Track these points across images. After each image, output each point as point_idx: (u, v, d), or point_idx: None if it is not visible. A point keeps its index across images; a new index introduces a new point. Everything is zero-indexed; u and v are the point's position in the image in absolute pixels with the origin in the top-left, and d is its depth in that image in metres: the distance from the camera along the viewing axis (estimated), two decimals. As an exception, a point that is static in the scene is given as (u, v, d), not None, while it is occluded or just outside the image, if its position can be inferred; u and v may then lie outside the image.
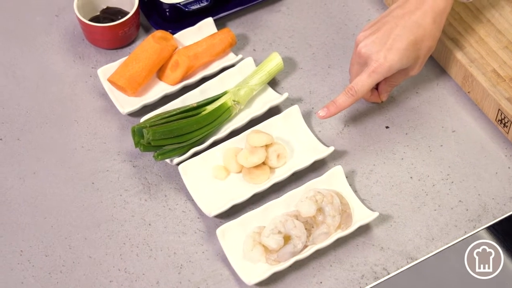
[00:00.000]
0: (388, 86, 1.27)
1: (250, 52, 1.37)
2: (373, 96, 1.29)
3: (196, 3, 1.35)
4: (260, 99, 1.30)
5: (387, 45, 1.19)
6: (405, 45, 1.19)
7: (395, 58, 1.18)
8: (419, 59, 1.22)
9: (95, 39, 1.36)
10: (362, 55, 1.21)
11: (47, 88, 1.33)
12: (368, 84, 1.20)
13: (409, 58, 1.20)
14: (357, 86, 1.20)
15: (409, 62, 1.21)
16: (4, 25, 1.40)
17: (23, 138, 1.27)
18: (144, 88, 1.31)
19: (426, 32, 1.20)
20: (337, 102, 1.21)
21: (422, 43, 1.20)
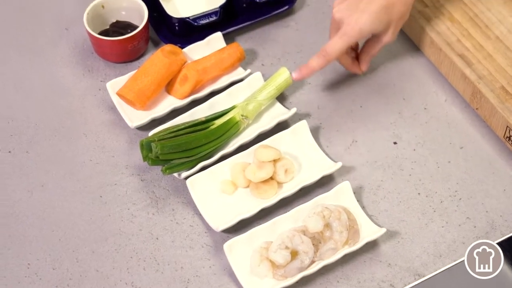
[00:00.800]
0: (366, 55, 1.30)
1: (258, 66, 1.37)
2: (354, 65, 1.31)
3: (205, 17, 1.35)
4: (268, 114, 1.30)
5: (359, 9, 1.22)
6: (376, 8, 1.22)
7: (366, 21, 1.22)
8: (391, 24, 1.25)
9: (105, 52, 1.36)
10: (336, 19, 1.24)
11: (56, 101, 1.33)
12: (339, 46, 1.23)
13: (380, 21, 1.23)
14: (328, 47, 1.23)
15: (380, 26, 1.24)
16: (14, 38, 1.41)
17: (31, 151, 1.27)
18: (152, 102, 1.31)
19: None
20: (309, 64, 1.25)
21: (393, 8, 1.23)
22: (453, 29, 1.32)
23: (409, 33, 1.37)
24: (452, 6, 1.35)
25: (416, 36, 1.36)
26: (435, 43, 1.32)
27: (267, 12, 1.40)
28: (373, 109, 1.31)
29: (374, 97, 1.33)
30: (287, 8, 1.41)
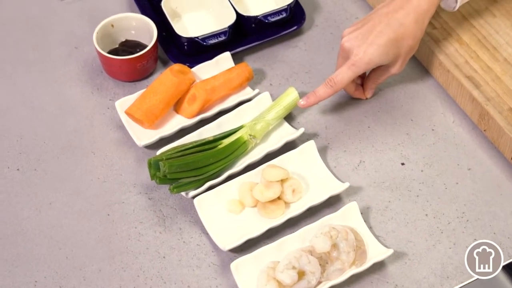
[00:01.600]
0: (372, 83, 1.32)
1: (267, 86, 1.38)
2: (358, 92, 1.33)
3: (214, 37, 1.36)
4: (276, 134, 1.30)
5: (368, 41, 1.24)
6: (385, 41, 1.23)
7: (375, 53, 1.23)
8: (400, 57, 1.26)
9: (114, 71, 1.37)
10: (345, 48, 1.26)
11: (65, 119, 1.34)
12: (347, 76, 1.25)
13: (388, 54, 1.25)
14: (336, 77, 1.25)
15: (388, 59, 1.26)
16: (24, 56, 1.42)
17: (39, 169, 1.28)
18: (161, 121, 1.31)
19: (407, 31, 1.24)
20: (317, 93, 1.27)
21: (402, 41, 1.24)
22: (461, 51, 1.33)
23: (417, 54, 1.38)
24: (461, 28, 1.35)
25: (424, 57, 1.36)
26: (443, 64, 1.32)
27: (276, 32, 1.41)
28: (381, 130, 1.32)
29: (382, 118, 1.33)
30: (295, 29, 1.42)
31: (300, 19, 1.43)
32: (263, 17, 1.38)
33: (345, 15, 1.46)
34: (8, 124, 1.33)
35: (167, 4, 1.40)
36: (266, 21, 1.38)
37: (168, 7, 1.40)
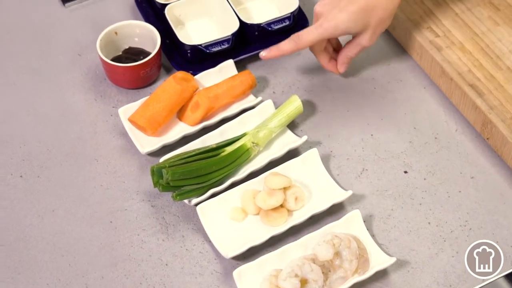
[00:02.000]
0: (344, 56, 1.33)
1: (270, 94, 1.38)
2: (331, 64, 1.35)
3: (217, 45, 1.36)
4: (279, 142, 1.30)
5: (339, 7, 1.25)
6: (355, 8, 1.25)
7: (343, 18, 1.25)
8: (369, 27, 1.27)
9: (117, 78, 1.37)
10: (317, 13, 1.28)
11: (68, 126, 1.34)
12: (312, 35, 1.26)
13: (357, 22, 1.26)
14: (302, 34, 1.27)
15: (357, 27, 1.27)
16: (28, 63, 1.42)
17: (43, 176, 1.28)
18: (164, 128, 1.31)
19: (379, 2, 1.25)
20: (280, 46, 1.29)
21: (373, 11, 1.26)
22: (464, 59, 1.33)
23: (420, 63, 1.38)
24: (464, 37, 1.36)
25: (427, 65, 1.36)
26: (446, 73, 1.32)
27: (279, 40, 1.39)
28: (383, 138, 1.32)
29: (385, 126, 1.33)
30: (298, 37, 1.42)
31: (303, 27, 1.42)
32: (267, 25, 1.38)
33: (348, 23, 1.46)
34: (12, 131, 1.33)
35: (170, 12, 1.40)
36: (270, 29, 1.38)
37: (172, 14, 1.40)
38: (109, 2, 1.51)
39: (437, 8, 1.39)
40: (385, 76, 1.39)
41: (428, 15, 1.39)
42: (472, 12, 1.38)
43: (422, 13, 1.39)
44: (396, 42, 1.43)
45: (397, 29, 1.41)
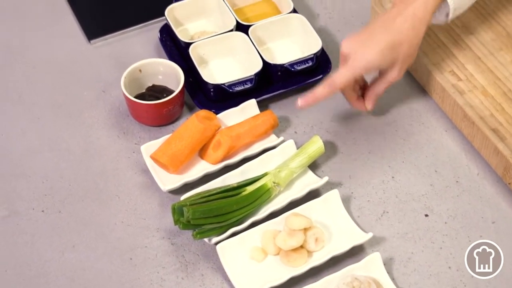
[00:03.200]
0: (372, 92, 1.35)
1: (291, 134, 1.38)
2: (359, 102, 1.36)
3: (240, 84, 1.37)
4: (300, 182, 1.31)
5: (366, 45, 1.28)
6: (383, 45, 1.27)
7: (372, 56, 1.27)
8: (397, 63, 1.29)
9: (140, 115, 1.38)
10: (344, 52, 1.29)
11: (91, 162, 1.35)
12: (345, 76, 1.28)
13: (385, 58, 1.28)
14: (335, 78, 1.28)
15: (385, 63, 1.29)
16: (53, 99, 1.43)
17: (64, 211, 1.29)
18: (185, 166, 1.32)
19: (403, 37, 1.28)
20: (315, 93, 1.29)
21: (399, 47, 1.28)
22: (486, 104, 1.33)
23: (442, 106, 1.38)
24: (486, 81, 1.36)
25: (449, 109, 1.36)
26: (468, 116, 1.32)
27: (301, 80, 1.42)
28: (404, 181, 1.31)
29: (406, 169, 1.33)
30: (321, 77, 1.43)
31: (326, 67, 1.44)
32: (289, 66, 1.39)
33: (370, 65, 1.47)
34: (35, 165, 1.34)
35: (194, 50, 1.42)
36: (292, 69, 1.39)
37: (196, 53, 1.42)
38: (134, 39, 1.52)
39: (460, 52, 1.40)
40: (407, 119, 1.39)
41: (451, 59, 1.39)
42: (495, 57, 1.39)
43: (445, 56, 1.39)
44: (418, 84, 1.43)
45: (419, 72, 1.41)
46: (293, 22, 1.47)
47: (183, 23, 1.50)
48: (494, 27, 1.43)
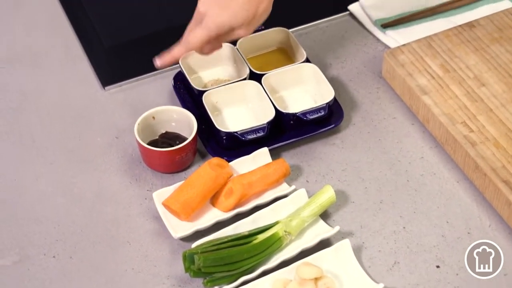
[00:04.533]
0: (216, 41, 1.37)
1: (303, 183, 1.39)
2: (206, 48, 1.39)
3: (253, 133, 1.38)
4: (311, 231, 1.31)
5: (221, 4, 1.30)
6: (236, 4, 1.30)
7: (226, 16, 1.30)
8: (248, 19, 1.32)
9: (153, 162, 1.39)
10: (200, 12, 1.32)
11: (103, 208, 1.35)
12: (200, 36, 1.32)
13: (238, 17, 1.31)
14: (190, 37, 1.33)
15: (238, 21, 1.31)
16: (66, 144, 1.44)
17: (75, 257, 1.29)
18: (197, 214, 1.32)
19: None
20: (172, 53, 1.35)
21: (252, 4, 1.30)
22: (498, 155, 1.33)
23: (453, 157, 1.39)
24: (498, 132, 1.36)
25: (461, 160, 1.37)
26: (480, 168, 1.32)
27: (314, 130, 1.43)
28: (416, 231, 1.31)
29: (418, 219, 1.33)
30: (333, 127, 1.44)
31: (338, 117, 1.44)
32: (302, 115, 1.40)
33: (382, 115, 1.48)
34: (47, 211, 1.35)
35: (207, 98, 1.43)
36: (305, 118, 1.40)
37: (209, 101, 1.43)
38: (148, 86, 1.54)
39: (471, 103, 1.41)
40: (419, 169, 1.40)
41: (463, 110, 1.40)
42: (506, 109, 1.40)
43: (457, 107, 1.40)
44: (430, 135, 1.44)
45: (431, 123, 1.42)
46: (306, 71, 1.48)
47: (196, 71, 1.52)
48: (506, 79, 1.44)
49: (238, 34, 1.35)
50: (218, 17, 1.30)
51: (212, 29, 1.31)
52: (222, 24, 1.31)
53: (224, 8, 1.30)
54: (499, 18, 1.55)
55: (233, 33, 1.34)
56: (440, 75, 1.45)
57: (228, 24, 1.32)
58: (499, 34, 1.52)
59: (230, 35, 1.35)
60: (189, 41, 1.33)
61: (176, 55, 1.35)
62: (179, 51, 1.35)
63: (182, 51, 1.35)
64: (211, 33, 1.32)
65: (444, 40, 1.51)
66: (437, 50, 1.49)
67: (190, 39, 1.33)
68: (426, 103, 1.41)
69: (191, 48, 1.34)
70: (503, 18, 1.55)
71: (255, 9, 1.32)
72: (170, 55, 1.35)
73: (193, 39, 1.33)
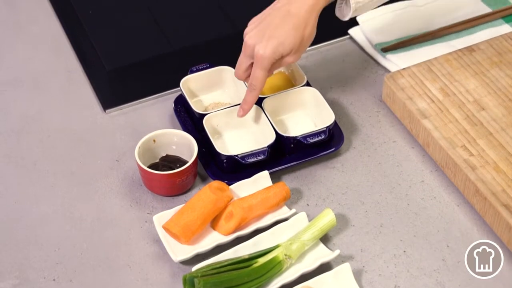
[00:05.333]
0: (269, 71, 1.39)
1: (303, 206, 1.39)
2: None
3: (253, 156, 1.38)
4: (311, 255, 1.30)
5: (267, 35, 1.34)
6: (282, 33, 1.34)
7: (273, 46, 1.34)
8: (295, 46, 1.36)
9: (153, 185, 1.39)
10: (249, 45, 1.36)
11: (103, 231, 1.35)
12: (260, 74, 1.36)
13: (285, 45, 1.34)
14: (254, 80, 1.37)
15: (286, 49, 1.35)
16: (67, 167, 1.45)
17: (75, 280, 1.29)
18: (197, 237, 1.32)
19: (300, 21, 1.35)
20: (246, 99, 1.40)
21: (297, 31, 1.34)
22: (498, 179, 1.33)
23: (454, 180, 1.39)
24: (498, 156, 1.37)
25: (461, 184, 1.37)
26: (480, 192, 1.32)
27: (314, 153, 1.43)
28: (416, 255, 1.31)
29: (418, 243, 1.33)
30: (333, 150, 1.44)
31: (338, 141, 1.45)
32: (302, 138, 1.40)
33: (382, 139, 1.48)
34: (47, 233, 1.35)
35: (208, 122, 1.43)
36: (305, 142, 1.40)
37: (209, 124, 1.43)
38: (149, 109, 1.54)
39: (471, 127, 1.41)
40: (419, 193, 1.40)
41: (463, 134, 1.40)
42: (506, 133, 1.40)
43: (457, 131, 1.41)
44: (430, 159, 1.44)
45: (431, 147, 1.42)
46: (306, 95, 1.48)
47: (197, 94, 1.52)
48: (505, 103, 1.45)
49: (287, 61, 1.38)
50: (266, 50, 1.33)
51: (265, 63, 1.35)
52: (272, 55, 1.34)
53: (271, 39, 1.34)
54: (499, 43, 1.56)
55: (283, 60, 1.38)
56: (440, 99, 1.46)
57: (279, 53, 1.35)
58: (498, 58, 1.53)
59: (280, 63, 1.38)
60: (255, 84, 1.37)
61: (251, 100, 1.39)
62: (252, 96, 1.39)
63: (255, 95, 1.39)
64: (266, 66, 1.35)
65: (444, 64, 1.52)
66: (437, 74, 1.50)
67: (254, 82, 1.37)
68: (426, 127, 1.42)
69: (260, 88, 1.38)
70: (503, 42, 1.56)
71: (301, 34, 1.35)
72: (247, 102, 1.40)
73: (256, 82, 1.36)
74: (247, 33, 1.37)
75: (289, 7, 1.35)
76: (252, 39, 1.35)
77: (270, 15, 1.36)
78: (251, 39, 1.35)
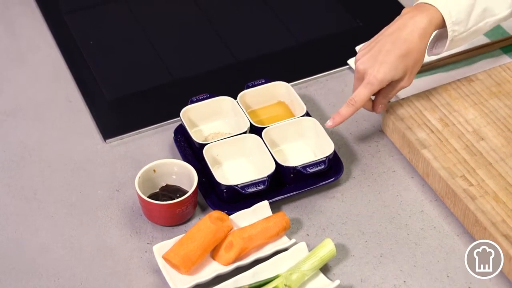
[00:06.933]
0: (382, 98, 1.45)
1: (303, 236, 1.39)
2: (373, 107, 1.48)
3: (253, 186, 1.38)
4: (311, 285, 1.30)
5: (379, 60, 1.38)
6: (394, 58, 1.38)
7: (386, 70, 1.38)
8: (408, 70, 1.40)
9: (153, 215, 1.39)
10: (360, 70, 1.40)
11: (103, 261, 1.35)
12: (364, 94, 1.40)
13: (398, 69, 1.39)
14: (356, 97, 1.40)
15: (398, 74, 1.39)
16: (67, 197, 1.45)
17: (75, 310, 1.29)
18: (197, 267, 1.32)
19: (412, 46, 1.38)
20: (341, 113, 1.42)
21: (410, 56, 1.39)
22: (498, 209, 1.33)
23: (453, 210, 1.39)
24: (497, 186, 1.37)
25: (460, 214, 1.37)
26: (479, 222, 1.32)
27: (314, 183, 1.43)
28: (416, 285, 1.31)
29: (418, 273, 1.33)
30: (333, 180, 1.44)
31: (338, 170, 1.45)
32: (302, 168, 1.41)
33: (382, 168, 1.48)
34: (47, 263, 1.35)
35: (208, 152, 1.43)
36: (305, 172, 1.41)
37: (209, 154, 1.44)
38: (149, 139, 1.55)
39: (471, 157, 1.41)
40: (419, 223, 1.40)
41: (462, 164, 1.40)
42: (505, 163, 1.40)
43: (456, 161, 1.41)
44: (430, 189, 1.44)
45: (431, 177, 1.42)
46: (306, 125, 1.49)
47: (197, 124, 1.53)
48: (504, 133, 1.45)
49: (401, 86, 1.42)
50: (378, 73, 1.38)
51: (375, 85, 1.38)
52: (383, 79, 1.38)
53: (382, 63, 1.38)
54: (497, 73, 1.56)
55: (397, 85, 1.42)
56: (439, 129, 1.46)
57: (390, 78, 1.39)
58: (497, 89, 1.53)
59: (394, 89, 1.42)
60: (356, 100, 1.40)
61: (345, 116, 1.42)
62: (347, 111, 1.41)
63: (351, 111, 1.41)
64: (374, 89, 1.39)
65: (443, 94, 1.53)
66: (436, 104, 1.51)
67: (356, 98, 1.40)
68: (426, 157, 1.42)
69: (358, 106, 1.41)
70: (501, 72, 1.57)
71: (413, 59, 1.39)
72: (340, 116, 1.42)
73: (358, 98, 1.40)
74: (358, 59, 1.41)
75: (399, 33, 1.38)
76: (363, 64, 1.39)
77: (380, 41, 1.40)
78: (362, 64, 1.39)
